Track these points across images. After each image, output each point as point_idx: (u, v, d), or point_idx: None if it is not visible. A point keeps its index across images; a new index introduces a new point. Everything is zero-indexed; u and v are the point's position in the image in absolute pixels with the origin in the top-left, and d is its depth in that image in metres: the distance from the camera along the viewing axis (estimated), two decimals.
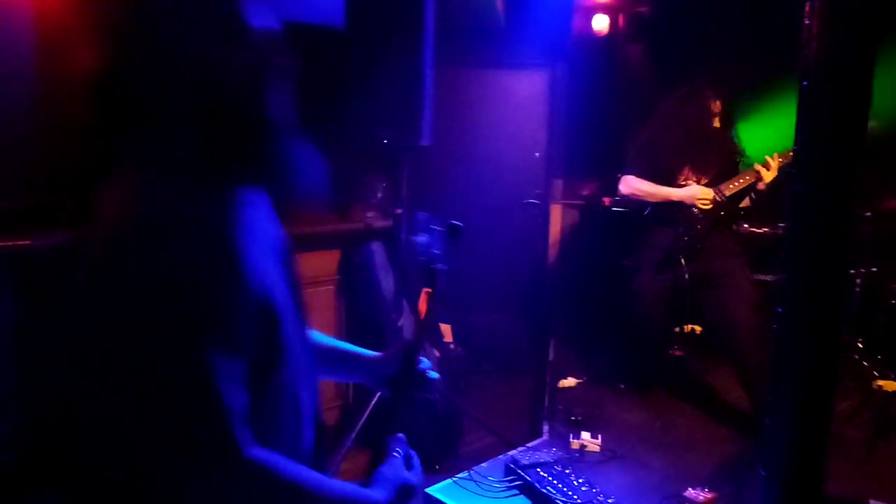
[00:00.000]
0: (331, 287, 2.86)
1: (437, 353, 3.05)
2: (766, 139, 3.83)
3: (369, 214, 2.99)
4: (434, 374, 1.33)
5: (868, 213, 3.79)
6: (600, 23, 5.34)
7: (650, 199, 3.56)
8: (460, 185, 4.27)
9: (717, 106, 3.49)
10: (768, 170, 3.22)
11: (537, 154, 4.88)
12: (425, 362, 1.33)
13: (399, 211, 2.83)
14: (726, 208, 3.40)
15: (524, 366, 4.11)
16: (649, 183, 3.54)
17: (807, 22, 1.62)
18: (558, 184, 5.07)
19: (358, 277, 2.85)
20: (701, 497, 2.56)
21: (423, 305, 1.36)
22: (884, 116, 3.27)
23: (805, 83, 1.63)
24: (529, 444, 3.02)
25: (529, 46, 4.58)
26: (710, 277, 3.34)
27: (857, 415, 3.42)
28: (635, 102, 5.61)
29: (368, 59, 2.81)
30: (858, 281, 3.92)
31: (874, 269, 3.85)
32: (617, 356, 4.10)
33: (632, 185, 3.60)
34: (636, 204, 3.71)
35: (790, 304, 1.65)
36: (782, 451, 1.64)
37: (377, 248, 2.88)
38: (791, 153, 3.06)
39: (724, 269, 3.32)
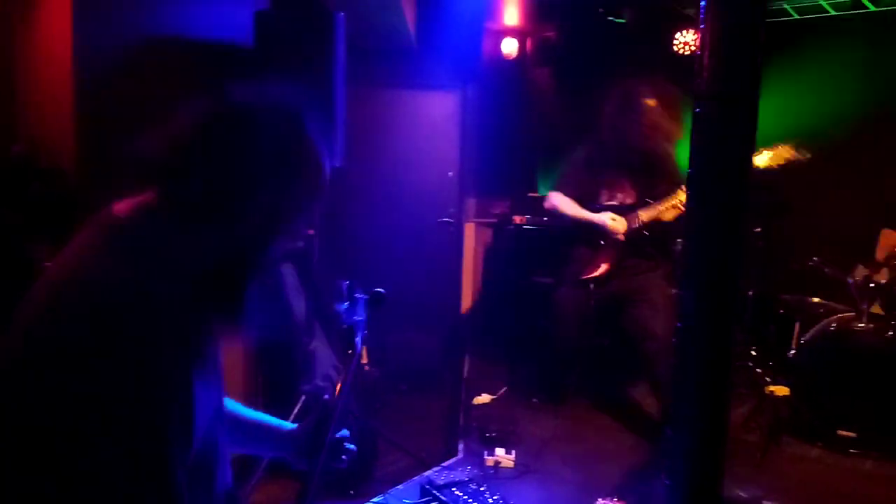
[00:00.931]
0: None
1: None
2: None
3: None
4: (351, 447, 1.30)
5: (758, 229, 4.05)
6: (509, 46, 5.48)
7: (569, 219, 3.64)
8: (375, 205, 4.26)
9: (652, 104, 3.50)
10: (681, 206, 3.29)
11: (450, 174, 4.93)
12: (342, 432, 1.29)
13: (311, 232, 2.79)
14: (648, 231, 3.46)
15: (440, 384, 4.12)
16: (570, 203, 3.60)
17: (698, 52, 1.72)
18: (471, 203, 5.14)
19: (268, 303, 2.77)
20: None
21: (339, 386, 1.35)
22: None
23: (698, 109, 1.73)
24: (445, 464, 3.02)
25: (441, 68, 4.64)
26: (631, 293, 3.44)
27: (752, 420, 3.63)
28: (543, 123, 5.80)
29: (278, 78, 2.77)
30: (751, 293, 4.17)
31: (765, 282, 4.11)
32: (532, 371, 4.18)
33: (554, 202, 3.68)
34: (558, 220, 3.79)
35: (688, 319, 1.73)
36: (683, 461, 1.71)
37: (288, 270, 2.82)
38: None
39: (643, 285, 3.43)
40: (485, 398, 3.87)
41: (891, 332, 3.46)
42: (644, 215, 3.45)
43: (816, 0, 4.86)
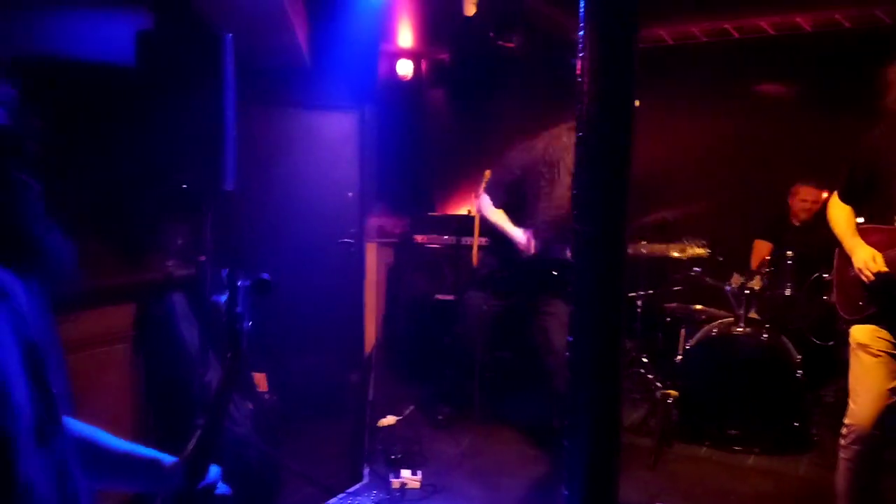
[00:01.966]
0: (125, 345, 2.62)
1: (250, 406, 2.92)
2: None
3: (169, 263, 2.81)
4: (225, 489, 1.22)
5: (644, 242, 4.27)
6: (404, 68, 5.54)
7: (492, 225, 3.69)
8: (272, 228, 4.16)
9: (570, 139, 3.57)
10: None
11: (350, 194, 4.90)
12: (213, 473, 1.21)
13: (203, 258, 2.69)
14: (554, 263, 3.48)
15: (344, 408, 4.06)
16: (495, 211, 3.64)
17: (580, 79, 1.80)
18: (372, 222, 5.13)
19: (158, 332, 2.65)
20: None
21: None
22: None
23: (580, 134, 1.81)
24: (350, 490, 2.98)
25: (338, 88, 4.62)
26: (536, 306, 3.51)
27: (645, 424, 3.81)
28: (440, 144, 5.89)
29: (163, 100, 2.68)
30: (639, 303, 4.39)
31: (651, 292, 4.34)
32: (437, 388, 4.20)
33: (483, 206, 3.73)
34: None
35: (579, 333, 1.80)
36: (580, 470, 1.77)
37: (178, 298, 2.70)
38: None
39: (547, 299, 3.50)
40: (390, 420, 3.85)
41: (765, 335, 3.73)
42: (542, 247, 3.47)
43: (688, 27, 5.21)
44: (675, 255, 3.82)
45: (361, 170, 4.90)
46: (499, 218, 3.61)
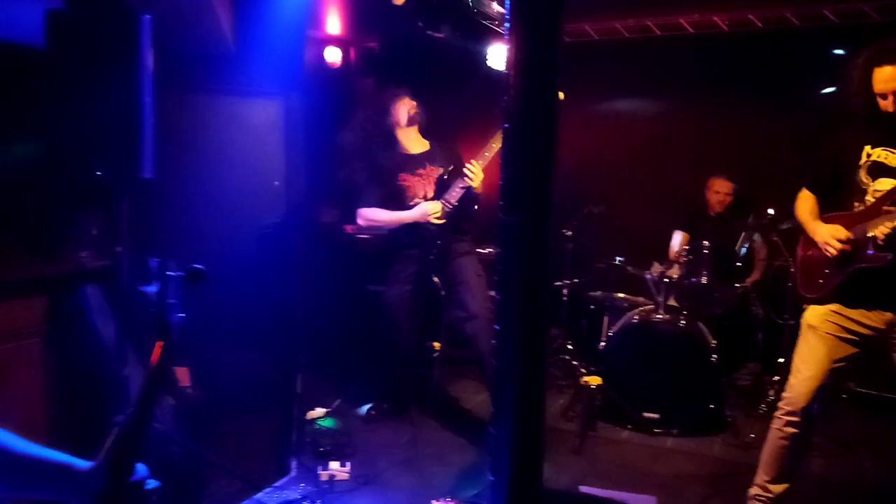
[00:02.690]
0: (36, 340, 2.49)
1: (171, 401, 2.83)
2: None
3: (83, 254, 2.68)
4: (154, 483, 1.17)
5: (569, 233, 4.37)
6: (332, 55, 5.46)
7: (387, 227, 3.72)
8: (195, 217, 4.03)
9: (406, 106, 3.78)
10: (472, 177, 3.53)
11: (276, 183, 4.80)
12: (141, 470, 1.17)
13: (119, 249, 2.58)
14: (460, 213, 3.65)
15: (271, 401, 3.98)
16: (382, 211, 3.70)
17: (507, 72, 1.82)
18: (300, 212, 5.04)
19: (71, 326, 2.53)
20: None
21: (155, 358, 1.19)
22: None
23: (507, 125, 1.83)
24: (276, 484, 2.94)
25: (262, 75, 4.51)
26: (450, 278, 3.59)
27: (571, 409, 3.91)
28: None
29: (76, 84, 2.54)
30: (565, 291, 4.49)
31: (576, 280, 4.44)
32: (368, 380, 4.19)
33: (366, 216, 3.76)
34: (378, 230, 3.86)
35: (505, 322, 1.83)
36: (505, 456, 1.80)
37: (93, 291, 2.58)
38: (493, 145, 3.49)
39: (459, 268, 3.60)
40: (318, 412, 3.82)
41: (683, 322, 3.89)
42: (451, 197, 3.63)
43: (612, 23, 5.34)
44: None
45: (288, 158, 4.81)
46: (384, 213, 3.71)
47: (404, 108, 3.76)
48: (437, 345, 4.14)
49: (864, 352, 2.52)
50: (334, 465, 3.09)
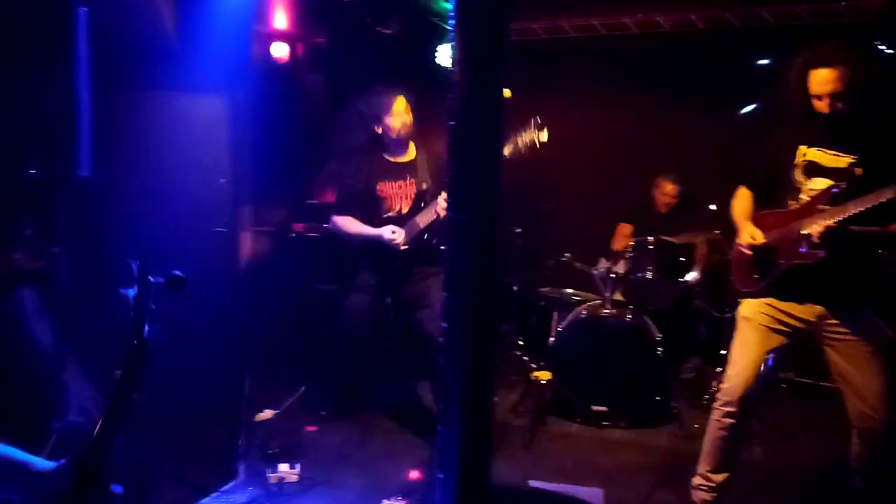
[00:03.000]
0: None
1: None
2: None
3: (16, 255, 2.57)
4: (118, 488, 1.15)
5: (518, 230, 4.41)
6: (279, 50, 5.37)
7: (354, 237, 3.65)
8: (136, 217, 3.91)
9: (398, 108, 3.56)
10: (442, 211, 3.38)
11: (223, 181, 4.69)
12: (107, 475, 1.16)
13: (55, 250, 2.49)
14: (428, 233, 3.52)
15: (219, 404, 3.90)
16: (352, 221, 3.63)
17: (452, 69, 1.82)
18: (247, 211, 4.95)
19: (5, 330, 2.43)
20: None
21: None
22: None
23: (452, 123, 1.83)
24: (224, 488, 2.89)
25: (208, 70, 4.40)
26: (415, 299, 3.52)
27: (521, 404, 3.95)
28: (319, 130, 5.77)
29: (7, 79, 2.44)
30: (515, 288, 4.53)
31: (526, 277, 4.49)
32: (319, 381, 4.14)
33: (336, 224, 3.70)
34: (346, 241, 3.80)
35: (453, 319, 1.83)
36: (453, 454, 1.81)
37: (28, 293, 2.48)
38: None
39: (424, 290, 3.51)
40: (267, 414, 3.75)
41: (629, 316, 3.97)
42: (421, 220, 3.52)
43: (558, 22, 5.40)
44: (509, 150, 3.30)
45: (234, 156, 4.71)
46: (355, 225, 3.63)
47: (397, 112, 3.56)
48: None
49: (796, 343, 2.62)
50: (283, 467, 3.05)
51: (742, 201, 2.78)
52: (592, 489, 2.98)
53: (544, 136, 3.30)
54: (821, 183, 2.50)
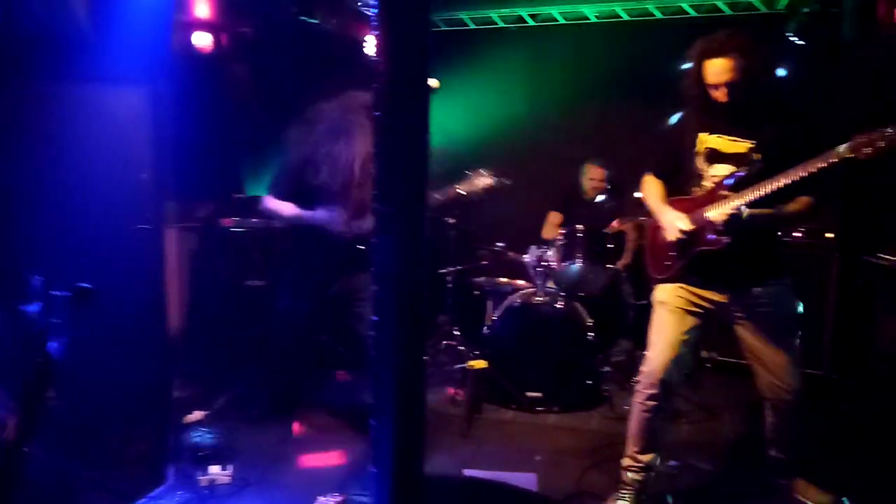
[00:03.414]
0: None
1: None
2: None
3: None
4: None
5: (453, 221, 4.41)
6: (202, 40, 5.19)
7: (290, 222, 3.51)
8: (53, 216, 3.72)
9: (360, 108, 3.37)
10: None
11: (144, 176, 4.51)
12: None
13: None
14: (365, 237, 3.39)
15: (146, 406, 3.77)
16: (288, 204, 3.46)
17: (375, 59, 1.79)
18: (171, 206, 4.78)
19: None
20: (330, 502, 2.67)
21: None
22: None
23: (378, 114, 1.81)
24: (152, 494, 2.79)
25: (126, 60, 4.21)
26: (353, 292, 3.42)
27: (458, 393, 3.96)
28: (245, 122, 5.62)
29: None
30: (449, 279, 4.54)
31: (460, 267, 4.50)
32: (252, 379, 4.05)
33: (270, 206, 3.53)
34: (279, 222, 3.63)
35: (382, 312, 1.81)
36: (387, 447, 1.79)
37: None
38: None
39: (363, 284, 3.37)
40: (197, 415, 3.65)
41: (561, 303, 4.04)
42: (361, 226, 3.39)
43: (487, 13, 5.43)
44: (463, 191, 3.39)
45: (156, 149, 4.54)
46: (291, 209, 3.44)
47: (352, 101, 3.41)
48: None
49: (709, 324, 2.72)
50: (215, 469, 2.97)
51: (653, 186, 2.83)
52: (526, 475, 3.03)
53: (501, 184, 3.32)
54: (722, 169, 2.58)
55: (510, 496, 2.46)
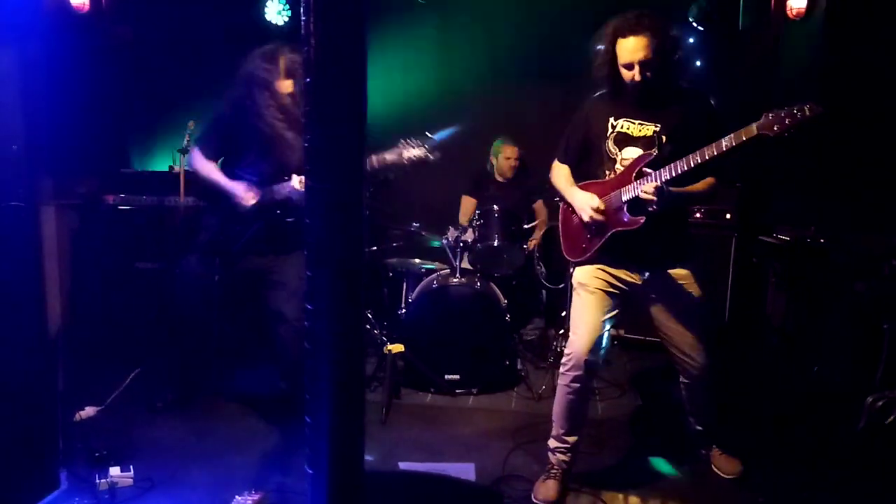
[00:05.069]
0: None
1: None
2: None
3: None
4: None
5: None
6: None
7: (206, 182, 3.21)
8: None
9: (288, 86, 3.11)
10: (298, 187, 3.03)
11: (14, 147, 4.05)
12: None
13: None
14: (281, 209, 3.16)
15: (28, 404, 3.38)
16: (209, 165, 3.20)
17: (304, 18, 1.61)
18: (48, 182, 4.32)
19: None
20: (249, 501, 2.48)
21: None
22: None
23: (308, 80, 1.63)
24: (44, 501, 2.50)
25: None
26: (264, 274, 3.19)
27: (375, 378, 3.84)
28: (132, 88, 5.17)
29: None
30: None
31: (374, 249, 4.35)
32: (149, 367, 3.74)
33: (196, 164, 3.24)
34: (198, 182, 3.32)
35: (317, 300, 1.65)
36: (324, 447, 1.65)
37: None
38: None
39: (276, 267, 3.18)
40: (90, 411, 3.33)
41: (478, 284, 3.98)
42: (277, 191, 3.13)
43: None
44: (392, 158, 3.12)
45: (28, 118, 4.07)
46: (211, 171, 3.21)
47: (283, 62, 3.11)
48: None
49: (626, 303, 2.75)
50: (114, 470, 2.70)
51: (562, 170, 2.83)
52: (463, 465, 2.95)
53: (432, 155, 3.13)
54: (633, 152, 2.60)
55: (449, 487, 2.37)
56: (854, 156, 3.81)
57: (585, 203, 2.64)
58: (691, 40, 4.98)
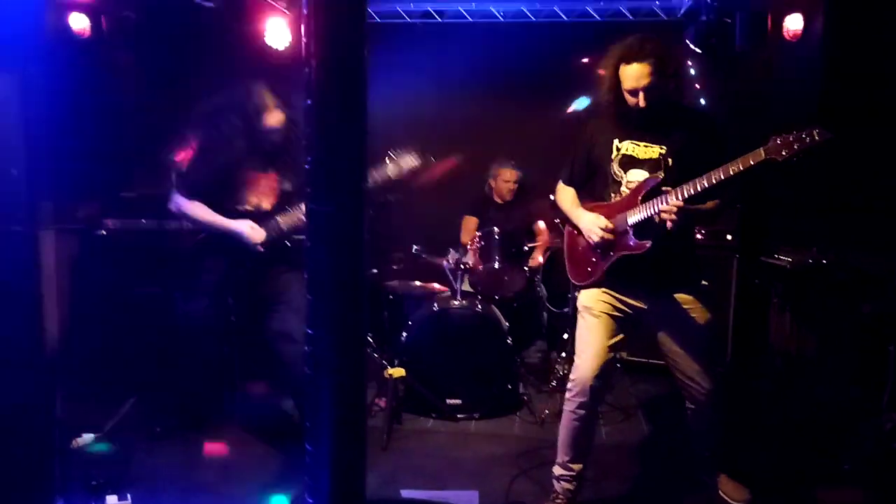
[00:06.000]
0: None
1: None
2: None
3: None
4: None
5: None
6: (79, 23, 4.74)
7: (201, 224, 3.18)
8: None
9: (268, 100, 3.14)
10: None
11: (14, 172, 4.02)
12: None
13: None
14: (289, 240, 3.15)
15: (26, 431, 3.33)
16: (201, 207, 3.13)
17: (305, 41, 1.61)
18: (47, 206, 4.29)
19: None
20: None
21: None
22: None
23: (309, 102, 1.62)
24: None
25: None
26: (272, 296, 3.16)
27: (375, 404, 3.79)
28: (134, 113, 5.17)
29: None
30: None
31: (374, 271, 4.32)
32: (149, 394, 3.69)
33: (181, 206, 3.17)
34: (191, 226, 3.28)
35: (318, 325, 1.63)
36: (325, 476, 1.62)
37: None
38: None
39: (284, 285, 3.15)
40: (87, 439, 3.28)
41: (479, 307, 3.95)
42: (284, 223, 3.14)
43: (393, 5, 5.29)
44: (395, 173, 3.14)
45: (29, 143, 4.06)
46: (205, 213, 3.13)
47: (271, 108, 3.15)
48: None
49: (631, 328, 2.71)
50: (111, 499, 2.65)
51: (567, 193, 2.81)
52: (467, 492, 2.89)
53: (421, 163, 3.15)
54: (638, 175, 2.58)
55: None
56: (854, 175, 3.81)
57: (593, 223, 2.61)
58: (689, 63, 5.01)
